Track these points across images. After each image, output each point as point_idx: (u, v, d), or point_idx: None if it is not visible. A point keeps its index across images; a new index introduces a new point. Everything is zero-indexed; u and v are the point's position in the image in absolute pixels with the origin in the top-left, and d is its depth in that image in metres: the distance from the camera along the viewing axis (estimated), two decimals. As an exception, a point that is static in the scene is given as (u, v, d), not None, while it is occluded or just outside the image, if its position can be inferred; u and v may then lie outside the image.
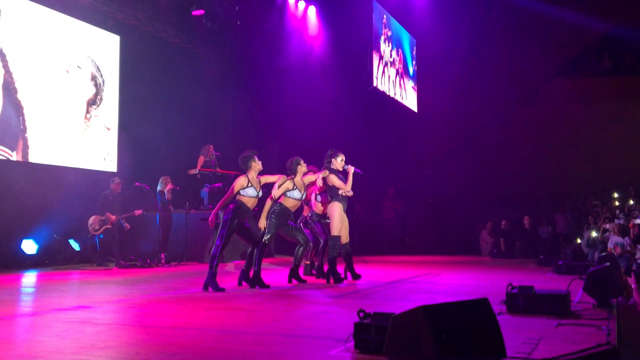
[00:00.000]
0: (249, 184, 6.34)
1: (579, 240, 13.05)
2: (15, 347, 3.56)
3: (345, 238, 7.28)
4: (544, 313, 4.50)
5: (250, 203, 6.38)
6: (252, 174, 6.42)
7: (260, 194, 6.50)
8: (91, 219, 10.09)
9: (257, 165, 6.45)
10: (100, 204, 10.14)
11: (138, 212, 10.25)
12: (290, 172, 6.95)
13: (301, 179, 6.97)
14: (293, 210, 7.07)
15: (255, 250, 6.48)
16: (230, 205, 6.27)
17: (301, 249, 7.29)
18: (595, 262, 8.53)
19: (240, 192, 6.31)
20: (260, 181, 6.50)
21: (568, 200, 15.59)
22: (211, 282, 6.16)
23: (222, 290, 6.12)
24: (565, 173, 16.13)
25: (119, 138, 11.59)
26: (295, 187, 6.90)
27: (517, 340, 3.53)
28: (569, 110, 16.56)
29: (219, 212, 6.34)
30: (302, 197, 6.99)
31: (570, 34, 16.05)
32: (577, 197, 15.74)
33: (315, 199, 7.43)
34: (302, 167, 6.97)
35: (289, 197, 6.90)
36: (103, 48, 11.49)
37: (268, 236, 6.78)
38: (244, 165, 6.45)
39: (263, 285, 6.43)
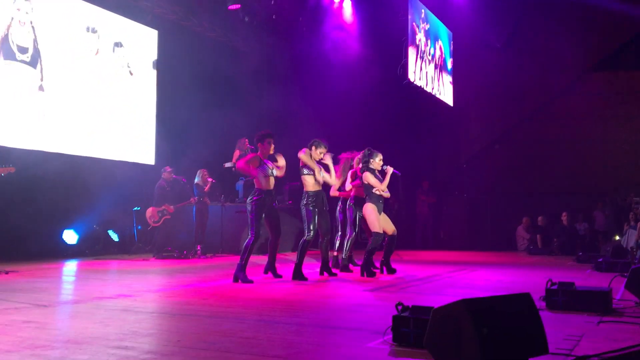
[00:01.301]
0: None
1: (617, 237, 12.74)
2: (62, 333, 3.67)
3: (391, 231, 7.29)
4: (585, 310, 4.42)
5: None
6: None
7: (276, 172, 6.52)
8: (149, 212, 10.22)
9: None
10: (157, 195, 10.26)
11: (194, 199, 10.35)
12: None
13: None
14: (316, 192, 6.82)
15: (300, 243, 6.62)
16: (254, 197, 6.35)
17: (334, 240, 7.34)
18: (637, 259, 8.35)
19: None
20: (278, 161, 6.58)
21: (607, 196, 15.22)
22: (240, 274, 6.25)
23: (251, 282, 6.20)
24: (604, 168, 15.74)
25: (157, 131, 11.78)
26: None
27: (558, 337, 3.48)
28: (609, 104, 16.14)
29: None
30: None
31: (611, 25, 15.61)
32: (616, 193, 15.35)
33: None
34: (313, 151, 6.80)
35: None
36: (141, 42, 11.68)
37: (311, 228, 6.65)
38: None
39: (302, 278, 6.49)
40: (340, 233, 8.04)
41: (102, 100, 10.71)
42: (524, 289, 4.56)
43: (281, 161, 6.64)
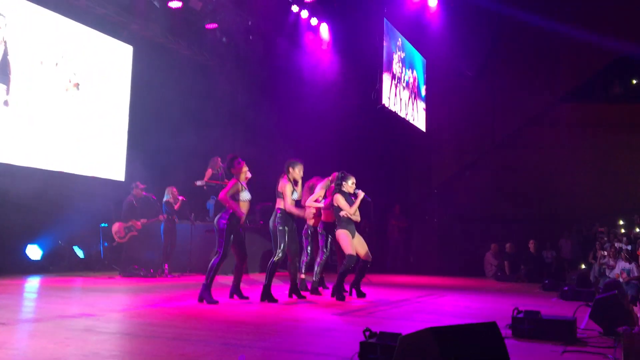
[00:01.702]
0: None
1: (583, 266, 12.95)
2: (20, 354, 3.56)
3: (366, 256, 7.28)
4: (550, 339, 4.46)
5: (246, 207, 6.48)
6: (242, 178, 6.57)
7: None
8: (115, 226, 10.02)
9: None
10: (125, 210, 10.07)
11: (163, 216, 10.19)
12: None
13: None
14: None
15: (269, 263, 6.59)
16: (227, 217, 6.30)
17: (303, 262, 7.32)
18: (601, 288, 8.47)
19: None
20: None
21: (573, 225, 15.51)
22: (205, 294, 6.18)
23: (216, 302, 6.12)
24: (570, 197, 16.07)
25: (128, 147, 11.64)
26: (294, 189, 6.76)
27: (523, 366, 3.50)
28: (577, 134, 16.54)
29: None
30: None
31: (580, 57, 16.08)
32: (582, 221, 15.66)
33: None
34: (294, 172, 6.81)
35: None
36: (116, 58, 11.59)
37: (281, 249, 6.63)
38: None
39: (272, 300, 6.43)
40: (307, 255, 8.00)
41: (72, 114, 10.56)
42: (491, 316, 4.59)
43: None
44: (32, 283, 8.29)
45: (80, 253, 10.62)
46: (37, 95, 9.88)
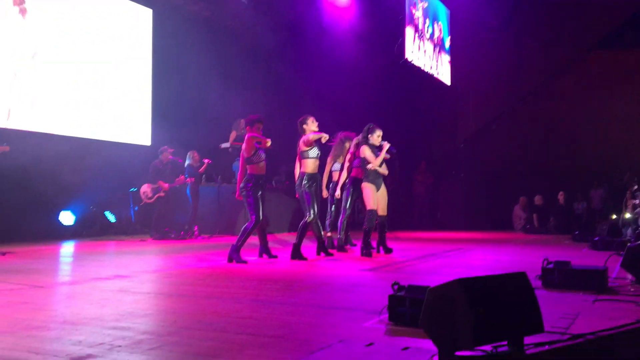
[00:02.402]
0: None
1: (614, 216, 12.78)
2: (58, 315, 3.67)
3: (382, 211, 7.28)
4: (581, 289, 4.44)
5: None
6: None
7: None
8: (143, 187, 10.21)
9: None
10: (152, 172, 10.24)
11: (190, 179, 10.29)
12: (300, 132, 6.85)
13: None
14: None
15: (301, 224, 6.70)
16: (249, 184, 6.36)
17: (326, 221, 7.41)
18: (632, 238, 8.37)
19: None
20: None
21: (604, 176, 15.24)
22: (234, 255, 6.28)
23: (245, 262, 6.22)
24: (600, 148, 15.75)
25: (153, 112, 11.71)
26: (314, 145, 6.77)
27: (554, 316, 3.49)
28: (606, 83, 16.10)
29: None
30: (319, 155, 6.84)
31: (610, 3, 15.49)
32: (612, 172, 15.38)
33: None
34: (309, 126, 6.81)
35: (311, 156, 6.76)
36: (136, 22, 11.55)
37: (313, 210, 6.66)
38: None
39: (301, 258, 6.54)
40: (330, 214, 8.05)
41: (96, 80, 10.63)
42: (520, 268, 4.57)
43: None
44: (67, 248, 8.51)
45: (111, 217, 10.86)
46: (59, 62, 9.93)
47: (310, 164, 6.72)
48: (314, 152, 6.71)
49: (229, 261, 6.32)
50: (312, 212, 6.65)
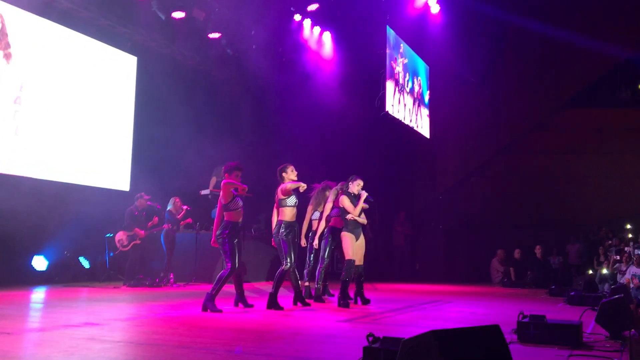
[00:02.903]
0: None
1: (590, 271, 12.88)
2: (23, 362, 3.56)
3: (359, 261, 7.27)
4: (556, 343, 4.44)
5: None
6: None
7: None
8: (119, 235, 10.06)
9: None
10: (127, 219, 10.11)
11: (167, 225, 10.22)
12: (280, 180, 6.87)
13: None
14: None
15: (278, 272, 6.66)
16: (226, 231, 6.35)
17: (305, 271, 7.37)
18: (608, 293, 8.43)
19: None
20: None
21: (580, 230, 15.44)
22: (209, 303, 6.20)
23: (220, 311, 6.13)
24: (577, 203, 16.01)
25: (133, 157, 11.69)
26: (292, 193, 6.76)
27: (528, 370, 3.48)
28: (584, 140, 16.52)
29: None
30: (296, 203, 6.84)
31: (586, 62, 16.03)
32: (589, 227, 15.60)
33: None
34: (289, 174, 6.84)
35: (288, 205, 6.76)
36: (120, 68, 11.66)
37: (290, 259, 6.65)
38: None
39: (278, 307, 6.48)
40: (309, 263, 8.03)
41: (78, 125, 10.62)
42: (497, 322, 4.57)
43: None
44: (38, 294, 8.31)
45: (85, 263, 10.66)
46: (42, 106, 9.94)
47: (288, 212, 6.73)
48: (292, 200, 6.73)
49: (203, 310, 6.22)
50: (289, 260, 6.63)
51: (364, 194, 7.27)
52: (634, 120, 16.44)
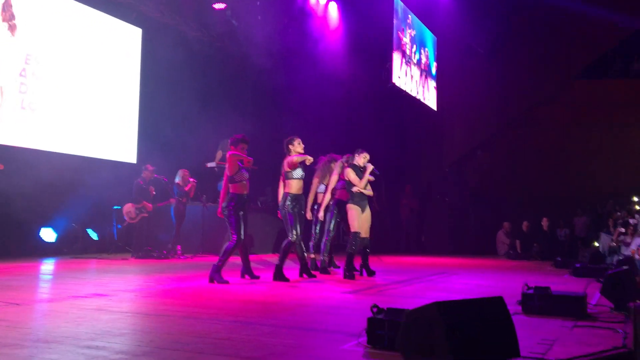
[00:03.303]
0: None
1: (596, 243, 12.89)
2: (32, 332, 3.62)
3: (365, 233, 7.28)
4: (560, 314, 4.45)
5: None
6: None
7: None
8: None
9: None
10: (135, 192, 10.16)
11: (173, 199, 10.27)
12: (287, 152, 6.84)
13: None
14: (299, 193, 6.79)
15: (283, 244, 6.70)
16: (232, 203, 6.37)
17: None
18: (614, 265, 8.44)
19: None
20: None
21: (587, 203, 15.40)
22: (215, 275, 6.25)
23: (227, 282, 6.19)
24: (585, 175, 15.94)
25: (139, 129, 11.69)
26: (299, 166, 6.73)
27: (531, 341, 3.50)
28: (592, 112, 16.36)
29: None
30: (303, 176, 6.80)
31: (596, 33, 15.78)
32: (596, 200, 15.55)
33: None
34: (295, 147, 6.80)
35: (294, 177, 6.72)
36: (125, 40, 11.59)
37: (296, 231, 6.66)
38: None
39: (284, 279, 6.52)
40: (314, 235, 8.06)
41: (84, 98, 10.61)
42: (501, 293, 4.59)
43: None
44: (47, 265, 8.40)
45: (94, 235, 10.75)
46: (48, 79, 9.92)
47: (294, 185, 6.73)
48: (298, 173, 6.72)
49: (210, 281, 6.28)
50: (294, 232, 6.65)
51: (370, 167, 7.26)
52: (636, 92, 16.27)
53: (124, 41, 11.56)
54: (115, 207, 10.71)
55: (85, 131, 10.61)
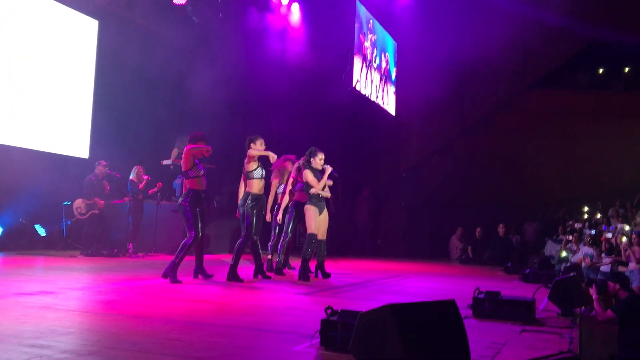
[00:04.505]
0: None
1: (544, 250, 13.22)
2: (-28, 330, 3.46)
3: (322, 235, 7.27)
4: (509, 319, 4.54)
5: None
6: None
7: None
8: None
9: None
10: (87, 188, 9.86)
11: (127, 198, 10.05)
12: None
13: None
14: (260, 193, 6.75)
15: (237, 244, 6.61)
16: (188, 198, 6.29)
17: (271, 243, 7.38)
18: (562, 272, 8.68)
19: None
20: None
21: (539, 210, 15.80)
22: (170, 272, 6.14)
23: (179, 282, 6.09)
24: (537, 183, 16.35)
25: (92, 124, 11.39)
26: (259, 166, 6.70)
27: (481, 344, 3.55)
28: (545, 121, 16.79)
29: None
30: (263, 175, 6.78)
31: (551, 44, 16.22)
32: (547, 207, 15.98)
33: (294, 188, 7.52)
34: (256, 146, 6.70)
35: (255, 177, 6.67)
36: (81, 32, 11.28)
37: (252, 231, 6.61)
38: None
39: (238, 280, 6.44)
40: (273, 236, 8.02)
41: (35, 89, 10.27)
42: (453, 297, 4.65)
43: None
44: (-9, 261, 8.09)
45: (42, 231, 10.41)
46: (0, 70, 9.58)
47: (255, 185, 6.67)
48: (259, 172, 6.67)
49: (163, 276, 6.16)
50: (251, 232, 6.59)
51: (329, 169, 7.25)
52: (593, 103, 16.82)
53: (80, 33, 11.26)
54: (65, 203, 10.39)
55: (37, 124, 10.27)
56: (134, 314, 4.22)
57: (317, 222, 7.16)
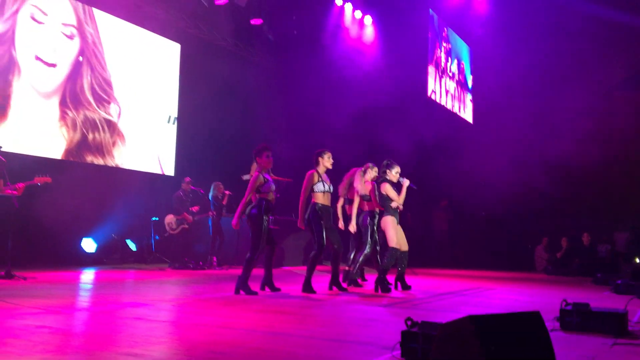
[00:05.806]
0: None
1: (638, 260, 12.52)
2: (72, 340, 3.72)
3: (404, 246, 7.24)
4: (599, 332, 4.35)
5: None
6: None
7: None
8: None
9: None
10: (176, 204, 10.37)
11: (212, 212, 10.45)
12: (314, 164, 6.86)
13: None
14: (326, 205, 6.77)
15: (310, 256, 6.70)
16: (253, 210, 6.40)
17: (352, 254, 7.40)
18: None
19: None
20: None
21: (629, 219, 14.99)
22: (243, 286, 6.29)
23: (255, 293, 6.22)
24: (627, 190, 15.52)
25: (177, 142, 11.91)
26: (320, 180, 6.76)
27: (569, 358, 3.44)
28: (632, 125, 15.96)
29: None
30: (329, 189, 6.81)
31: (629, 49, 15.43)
32: (638, 214, 15.12)
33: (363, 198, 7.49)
34: (324, 160, 6.83)
35: (316, 191, 6.74)
36: (164, 55, 11.86)
37: (320, 244, 6.67)
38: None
39: (311, 291, 6.54)
40: (353, 248, 8.01)
41: (124, 111, 10.89)
42: (539, 309, 4.52)
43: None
44: (87, 275, 8.60)
45: (132, 246, 10.97)
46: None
47: (319, 197, 6.73)
48: (318, 187, 6.71)
49: (236, 292, 6.32)
50: (321, 243, 6.63)
51: (406, 182, 7.21)
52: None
53: (164, 56, 11.84)
54: (153, 219, 10.92)
55: (127, 145, 10.88)
56: (219, 324, 4.37)
57: (396, 235, 7.13)
